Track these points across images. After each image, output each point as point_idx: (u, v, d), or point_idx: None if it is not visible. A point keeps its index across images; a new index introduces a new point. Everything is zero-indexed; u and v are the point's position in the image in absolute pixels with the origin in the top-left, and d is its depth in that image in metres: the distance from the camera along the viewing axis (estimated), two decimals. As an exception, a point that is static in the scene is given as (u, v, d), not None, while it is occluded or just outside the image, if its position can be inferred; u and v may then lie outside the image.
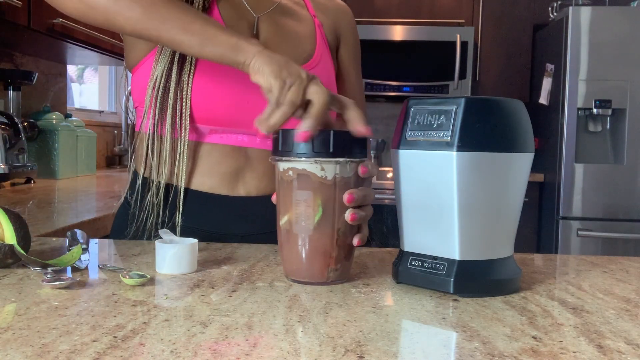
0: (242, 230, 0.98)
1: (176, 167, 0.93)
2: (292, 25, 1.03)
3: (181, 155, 0.93)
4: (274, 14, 1.02)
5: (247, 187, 0.98)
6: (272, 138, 0.74)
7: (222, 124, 0.95)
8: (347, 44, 1.12)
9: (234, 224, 0.97)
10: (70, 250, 0.78)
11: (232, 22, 0.97)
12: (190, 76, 0.91)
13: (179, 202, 0.93)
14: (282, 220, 0.73)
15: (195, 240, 0.76)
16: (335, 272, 0.71)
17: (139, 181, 0.97)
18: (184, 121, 0.92)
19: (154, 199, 0.93)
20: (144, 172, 0.96)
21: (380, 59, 3.45)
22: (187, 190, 0.95)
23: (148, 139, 0.94)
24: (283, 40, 1.00)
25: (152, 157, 0.93)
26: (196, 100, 0.92)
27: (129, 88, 0.99)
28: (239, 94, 0.93)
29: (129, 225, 0.97)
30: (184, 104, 0.92)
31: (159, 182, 0.93)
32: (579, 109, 3.13)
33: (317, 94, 0.71)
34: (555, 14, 3.38)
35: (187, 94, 0.92)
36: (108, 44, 2.32)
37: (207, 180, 0.96)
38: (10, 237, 0.75)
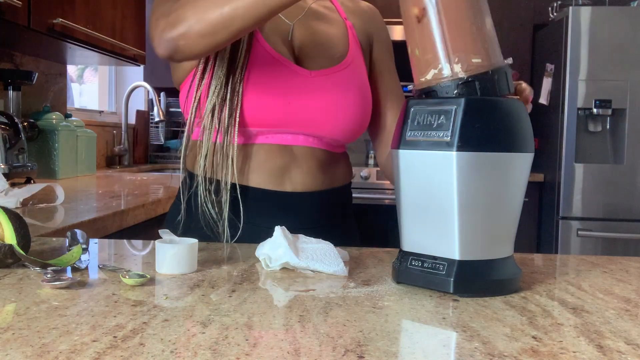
0: (287, 225, 0.98)
1: (231, 169, 0.97)
2: (324, 28, 1.08)
3: (236, 157, 0.97)
4: (306, 19, 1.07)
5: (294, 183, 1.02)
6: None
7: (268, 125, 0.99)
8: (380, 43, 1.17)
9: (281, 218, 0.99)
10: (70, 250, 0.78)
11: (270, 31, 1.02)
12: (241, 86, 0.96)
13: (240, 201, 0.97)
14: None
15: (195, 240, 0.76)
16: None
17: (203, 184, 0.98)
18: (235, 128, 0.96)
19: (223, 199, 0.97)
20: (208, 174, 0.98)
21: (380, 59, 3.44)
22: (237, 185, 0.98)
23: (205, 146, 0.97)
24: (317, 43, 1.05)
25: (215, 163, 0.97)
26: (246, 106, 0.97)
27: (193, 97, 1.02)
28: (284, 97, 0.98)
29: (187, 222, 0.99)
30: (237, 112, 0.96)
31: (226, 183, 0.97)
32: (579, 109, 3.13)
33: None
34: (555, 14, 3.38)
35: (239, 103, 0.96)
36: (108, 44, 2.32)
37: (255, 177, 1.01)
38: (10, 237, 0.76)
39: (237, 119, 0.96)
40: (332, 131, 1.03)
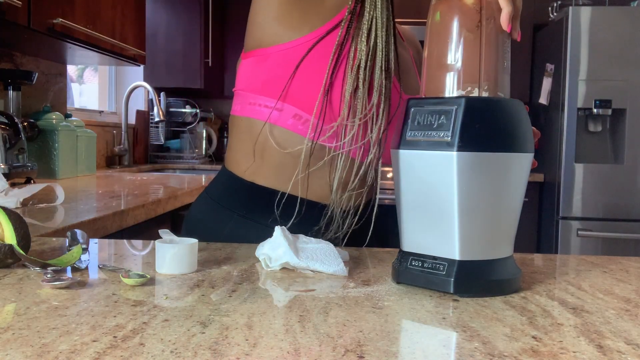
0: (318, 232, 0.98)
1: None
2: (405, 54, 1.08)
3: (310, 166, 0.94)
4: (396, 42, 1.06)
5: (348, 195, 1.00)
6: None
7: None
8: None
9: (314, 225, 0.97)
10: (70, 250, 0.78)
11: None
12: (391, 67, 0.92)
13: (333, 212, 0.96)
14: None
15: (195, 240, 0.76)
16: None
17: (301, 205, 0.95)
18: (382, 146, 0.94)
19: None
20: (305, 193, 0.95)
21: (380, 59, 3.44)
22: (284, 193, 0.96)
23: (338, 163, 0.93)
24: (403, 68, 1.03)
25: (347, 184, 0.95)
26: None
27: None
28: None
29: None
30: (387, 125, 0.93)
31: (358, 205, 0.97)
32: (579, 109, 3.14)
33: None
34: (555, 14, 3.38)
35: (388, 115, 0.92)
36: (108, 44, 2.32)
37: (318, 189, 0.97)
38: (10, 237, 0.76)
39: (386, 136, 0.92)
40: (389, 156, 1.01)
